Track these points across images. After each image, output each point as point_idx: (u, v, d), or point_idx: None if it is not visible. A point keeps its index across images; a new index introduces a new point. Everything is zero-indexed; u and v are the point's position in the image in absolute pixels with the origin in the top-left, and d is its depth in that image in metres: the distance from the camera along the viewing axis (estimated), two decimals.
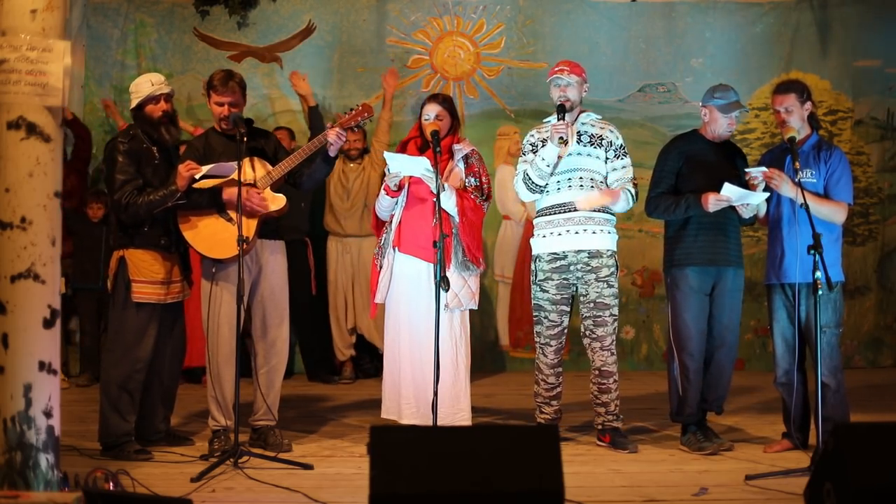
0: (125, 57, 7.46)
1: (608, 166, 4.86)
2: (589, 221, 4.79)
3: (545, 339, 4.89)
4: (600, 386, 4.83)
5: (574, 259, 4.81)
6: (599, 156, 4.84)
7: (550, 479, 2.91)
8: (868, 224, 7.79)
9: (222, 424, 4.70)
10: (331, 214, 6.98)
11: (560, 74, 4.83)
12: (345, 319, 6.95)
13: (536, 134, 4.96)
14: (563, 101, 4.80)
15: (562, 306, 4.87)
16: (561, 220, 4.82)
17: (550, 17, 7.65)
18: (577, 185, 4.81)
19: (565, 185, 4.82)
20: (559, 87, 4.83)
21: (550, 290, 4.85)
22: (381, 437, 2.96)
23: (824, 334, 4.47)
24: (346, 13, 7.58)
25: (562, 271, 4.83)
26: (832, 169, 4.65)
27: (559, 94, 4.82)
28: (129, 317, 4.65)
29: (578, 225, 4.79)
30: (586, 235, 4.79)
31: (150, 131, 4.74)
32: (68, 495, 3.15)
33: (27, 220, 3.29)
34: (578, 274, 4.82)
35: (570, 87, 4.82)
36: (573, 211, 4.79)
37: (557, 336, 4.88)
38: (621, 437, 4.83)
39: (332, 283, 6.97)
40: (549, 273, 4.85)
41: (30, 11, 3.32)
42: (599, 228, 4.81)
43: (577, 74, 4.84)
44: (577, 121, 4.88)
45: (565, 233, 4.81)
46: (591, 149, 4.85)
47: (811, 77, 7.50)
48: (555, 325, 4.87)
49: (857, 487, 3.06)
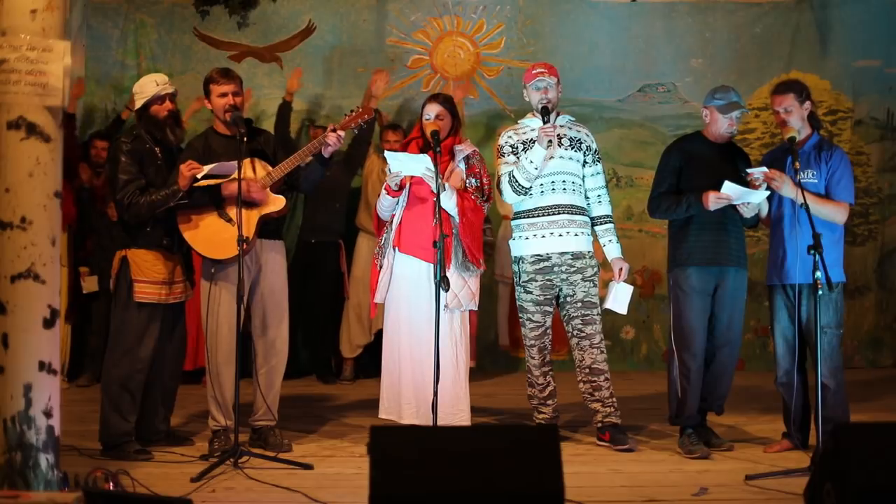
0: (125, 57, 7.47)
1: (585, 170, 4.95)
2: (572, 224, 4.87)
3: (530, 340, 4.94)
4: (592, 384, 4.86)
5: (558, 260, 4.85)
6: (578, 159, 4.93)
7: (550, 479, 2.91)
8: (868, 224, 7.79)
9: (222, 424, 4.70)
10: (366, 212, 6.93)
11: (542, 76, 4.86)
12: (368, 318, 6.91)
13: (514, 136, 4.98)
14: (545, 104, 4.83)
15: (545, 307, 4.90)
16: (545, 222, 4.87)
17: (550, 17, 7.66)
18: (560, 189, 4.87)
19: (549, 188, 4.87)
20: (541, 90, 4.87)
21: (534, 292, 4.88)
22: (381, 437, 2.96)
23: (825, 335, 4.47)
24: (346, 13, 7.59)
25: (545, 272, 4.87)
26: (833, 169, 4.65)
27: (541, 96, 4.86)
28: (130, 317, 4.65)
29: (562, 227, 4.86)
30: (569, 238, 4.85)
31: (154, 131, 4.74)
32: (68, 495, 3.15)
33: (27, 220, 3.29)
34: (563, 275, 4.85)
35: (551, 89, 4.88)
36: (558, 213, 4.85)
37: (541, 337, 4.92)
38: (620, 434, 4.84)
39: (360, 280, 6.91)
40: (532, 274, 4.88)
41: (30, 11, 3.32)
42: (580, 231, 4.89)
43: (554, 76, 4.91)
44: (555, 122, 4.92)
45: (549, 235, 4.85)
46: (572, 152, 4.92)
47: (811, 77, 7.49)
48: (538, 325, 4.90)
49: (857, 487, 3.06)
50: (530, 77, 4.91)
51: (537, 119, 4.85)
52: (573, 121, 5.06)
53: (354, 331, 6.98)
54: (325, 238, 6.94)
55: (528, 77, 4.93)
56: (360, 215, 7.03)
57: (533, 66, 4.98)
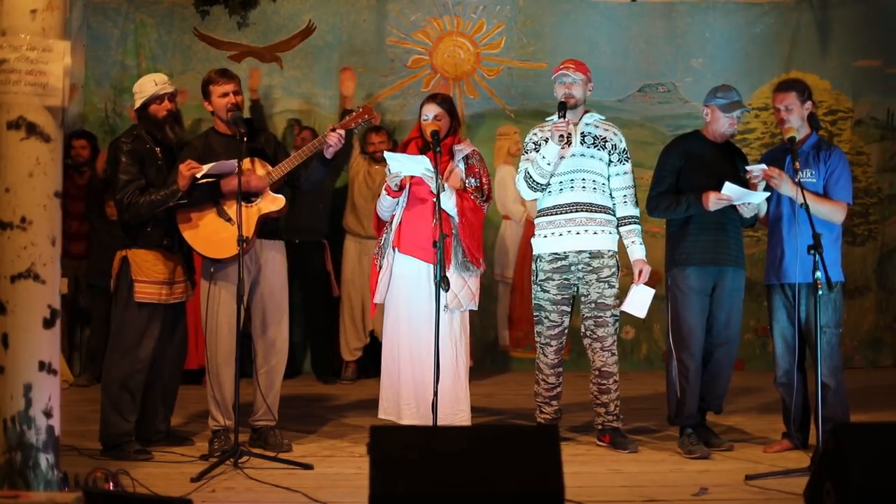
0: (125, 57, 7.47)
1: (610, 169, 4.87)
2: (590, 222, 4.80)
3: (545, 339, 4.89)
4: (600, 386, 4.84)
5: (575, 259, 4.81)
6: (602, 158, 4.85)
7: (550, 480, 2.91)
8: (868, 224, 7.79)
9: (222, 424, 4.70)
10: (353, 215, 6.97)
11: (566, 71, 4.82)
12: (361, 320, 6.94)
13: (539, 132, 4.95)
14: (566, 98, 4.79)
15: (562, 306, 4.87)
16: (563, 220, 4.82)
17: (550, 17, 7.65)
18: (579, 187, 4.81)
19: (567, 185, 4.83)
20: (564, 84, 4.82)
21: (551, 291, 4.85)
22: (381, 437, 2.96)
23: (824, 334, 4.47)
24: (346, 13, 7.59)
25: (563, 271, 4.84)
26: (832, 169, 4.66)
27: (564, 90, 4.82)
28: (131, 316, 4.66)
29: (580, 226, 4.80)
30: (587, 236, 4.79)
31: (153, 131, 4.74)
32: (68, 495, 3.15)
33: (27, 220, 3.29)
34: (580, 274, 4.82)
35: (576, 85, 4.82)
36: (576, 211, 4.80)
37: (558, 336, 4.88)
38: (621, 437, 4.83)
39: (349, 282, 6.96)
40: (549, 273, 4.85)
41: (30, 11, 3.32)
42: (601, 229, 4.81)
43: (582, 73, 4.84)
44: (581, 121, 4.88)
45: (566, 233, 4.81)
46: (594, 150, 4.85)
47: (811, 77, 7.48)
48: (555, 325, 4.87)
49: (857, 487, 3.06)
50: (556, 71, 4.87)
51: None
52: (602, 119, 4.96)
53: (350, 334, 6.99)
54: (309, 238, 6.94)
55: (555, 71, 4.89)
56: (347, 218, 7.03)
57: (563, 62, 4.91)
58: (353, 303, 6.96)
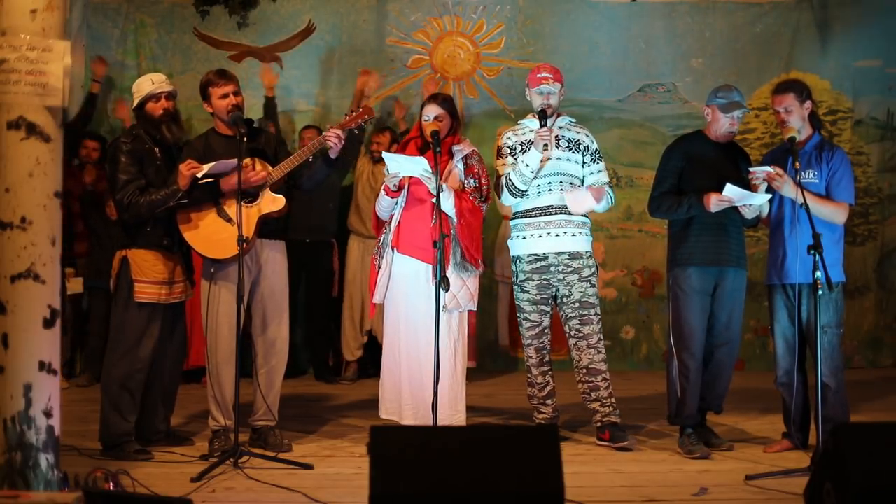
0: (125, 57, 7.47)
1: (585, 170, 4.94)
2: (568, 224, 4.88)
3: (528, 339, 4.96)
4: (589, 384, 4.87)
5: (555, 260, 4.86)
6: (578, 160, 4.93)
7: (550, 480, 2.91)
8: (868, 224, 7.79)
9: (222, 424, 4.70)
10: (356, 214, 6.99)
11: (546, 83, 4.87)
12: (360, 319, 6.95)
13: (513, 136, 4.99)
14: (545, 108, 4.84)
15: (542, 306, 4.92)
16: (541, 222, 4.89)
17: (550, 17, 7.66)
18: (557, 189, 4.89)
19: (546, 188, 4.89)
20: (543, 95, 4.87)
21: (531, 291, 4.90)
22: (381, 437, 2.96)
23: (825, 334, 4.47)
24: (346, 13, 7.59)
25: (542, 272, 4.88)
26: (834, 169, 4.66)
27: (542, 101, 4.87)
28: (130, 316, 4.65)
29: (559, 228, 4.88)
30: (566, 238, 4.87)
31: (152, 131, 4.74)
32: (68, 495, 3.15)
33: (27, 220, 3.29)
34: (560, 275, 4.87)
35: (553, 96, 4.89)
36: (554, 213, 4.88)
37: (538, 336, 4.94)
38: (620, 431, 4.84)
39: (352, 282, 6.97)
40: (529, 274, 4.90)
41: (30, 11, 3.32)
42: (578, 231, 4.91)
43: (559, 82, 4.91)
44: (554, 124, 4.92)
45: (546, 235, 4.87)
46: (570, 153, 4.92)
47: (811, 77, 7.49)
48: (535, 325, 4.92)
49: (857, 487, 3.06)
50: (535, 81, 4.90)
51: (536, 120, 4.86)
52: (573, 122, 5.07)
53: (349, 334, 7.00)
54: (319, 238, 6.95)
55: (532, 80, 4.93)
56: (351, 217, 7.04)
57: (539, 69, 4.96)
58: (354, 302, 6.96)
